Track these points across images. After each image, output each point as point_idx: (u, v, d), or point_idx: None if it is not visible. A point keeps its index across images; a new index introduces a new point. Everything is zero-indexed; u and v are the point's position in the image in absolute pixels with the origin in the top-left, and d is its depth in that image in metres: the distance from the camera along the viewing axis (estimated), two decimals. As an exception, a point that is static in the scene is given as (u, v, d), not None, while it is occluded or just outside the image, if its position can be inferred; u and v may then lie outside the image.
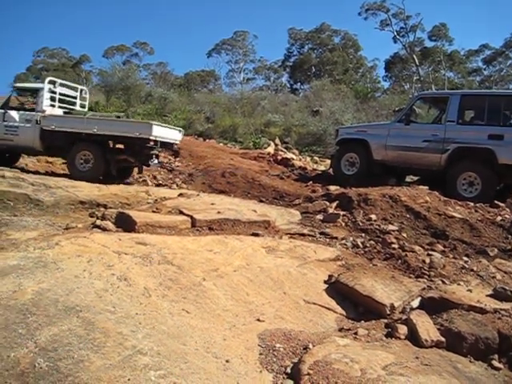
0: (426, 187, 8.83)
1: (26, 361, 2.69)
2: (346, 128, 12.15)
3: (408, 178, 11.49)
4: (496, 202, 8.77)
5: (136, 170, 10.55)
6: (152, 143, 9.39)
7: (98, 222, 5.84)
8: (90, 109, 21.38)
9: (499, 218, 7.63)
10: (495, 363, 3.59)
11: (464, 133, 9.46)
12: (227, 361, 3.13)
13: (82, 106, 11.87)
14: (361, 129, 11.33)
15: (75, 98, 11.65)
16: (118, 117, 11.66)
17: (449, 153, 9.48)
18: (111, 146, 10.02)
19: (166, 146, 10.30)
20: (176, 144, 10.67)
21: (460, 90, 13.50)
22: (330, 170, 11.97)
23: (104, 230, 5.64)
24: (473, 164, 9.28)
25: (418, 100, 11.17)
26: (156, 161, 10.23)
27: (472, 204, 8.40)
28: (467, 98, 10.11)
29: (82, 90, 12.00)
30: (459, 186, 9.30)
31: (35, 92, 10.97)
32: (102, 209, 7.02)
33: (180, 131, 10.90)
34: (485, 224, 7.26)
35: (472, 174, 9.25)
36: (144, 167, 10.35)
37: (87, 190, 7.99)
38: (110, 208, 7.03)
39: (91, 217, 6.55)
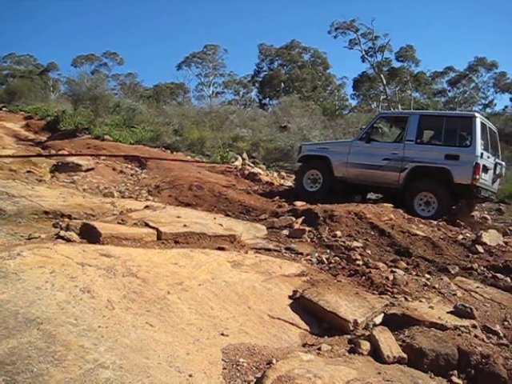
0: (391, 205, 8.97)
1: (-18, 374, 2.63)
2: (309, 145, 12.22)
3: (374, 196, 11.66)
4: (458, 220, 8.98)
5: None
6: None
7: (62, 233, 5.74)
8: (57, 117, 21.21)
9: (461, 236, 7.80)
10: (455, 379, 3.65)
11: (422, 152, 9.69)
12: (190, 375, 3.11)
13: None
14: (323, 146, 11.41)
15: None
16: None
17: (407, 171, 9.69)
18: None
19: None
20: None
21: (419, 111, 13.76)
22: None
23: (68, 240, 5.54)
24: (429, 184, 9.51)
25: (379, 119, 11.27)
26: None
27: (435, 222, 8.57)
28: (425, 118, 10.36)
29: None
30: (416, 206, 9.49)
31: None
32: (66, 219, 6.90)
33: None
34: (447, 242, 7.41)
35: (428, 194, 9.48)
36: None
37: (52, 199, 7.85)
38: (75, 219, 6.92)
39: (55, 227, 6.43)
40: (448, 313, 4.61)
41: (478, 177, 9.04)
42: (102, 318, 3.46)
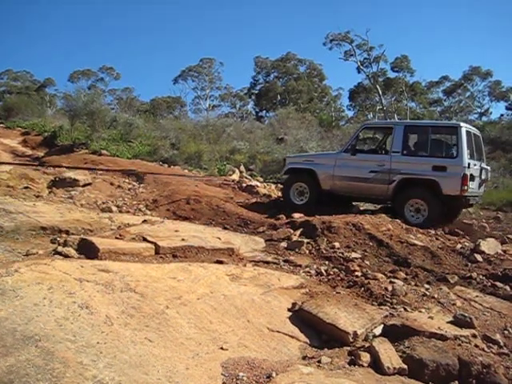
0: (388, 215, 8.97)
1: (-20, 393, 2.62)
2: (293, 157, 12.02)
3: (372, 206, 11.64)
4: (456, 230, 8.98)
5: None
6: None
7: (60, 249, 5.73)
8: (54, 133, 21.25)
9: (459, 245, 7.81)
10: (456, 390, 3.64)
11: (409, 164, 9.61)
12: (190, 390, 3.09)
13: None
14: (308, 158, 11.24)
15: None
16: None
17: (395, 184, 9.63)
18: None
19: None
20: None
21: (403, 121, 13.45)
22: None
23: (66, 256, 5.53)
24: (420, 192, 9.47)
25: (363, 130, 11.21)
26: None
27: (433, 232, 8.57)
28: (411, 128, 10.24)
29: None
30: (407, 213, 9.45)
31: None
32: (64, 235, 6.88)
33: None
34: (445, 251, 7.41)
35: (419, 201, 9.45)
36: None
37: (49, 215, 7.84)
38: (73, 234, 6.91)
39: (53, 243, 6.42)
40: (448, 323, 4.60)
41: (466, 188, 9.03)
42: (101, 334, 3.45)
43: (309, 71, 53.69)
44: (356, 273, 6.22)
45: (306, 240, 7.51)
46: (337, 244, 7.32)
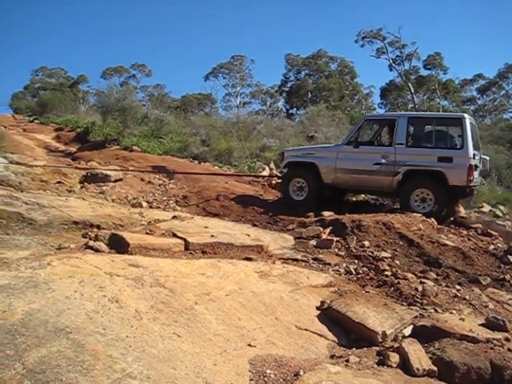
0: (420, 215, 8.85)
1: (13, 383, 2.66)
2: (292, 150, 11.72)
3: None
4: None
5: None
6: None
7: (91, 243, 5.82)
8: (87, 129, 21.57)
9: (492, 246, 7.66)
10: (487, 394, 3.57)
11: (414, 156, 9.56)
12: (217, 386, 3.10)
13: None
14: (308, 151, 11.03)
15: None
16: None
17: (400, 176, 9.57)
18: None
19: None
20: None
21: (407, 112, 13.10)
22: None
23: (97, 251, 5.61)
24: (426, 182, 9.43)
25: (365, 122, 11.05)
26: None
27: (465, 232, 8.43)
28: (414, 120, 10.21)
29: None
30: (412, 202, 9.42)
31: None
32: (95, 229, 7.00)
33: None
34: (477, 252, 7.28)
35: (424, 191, 9.40)
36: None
37: (81, 210, 7.97)
38: (104, 229, 7.01)
39: (84, 237, 6.53)
40: (479, 325, 4.51)
41: (471, 178, 9.04)
42: (130, 328, 3.48)
43: (340, 69, 53.24)
44: (386, 272, 6.16)
45: (335, 238, 7.46)
46: (366, 243, 7.25)
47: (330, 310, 4.69)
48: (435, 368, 3.73)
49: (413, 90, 42.42)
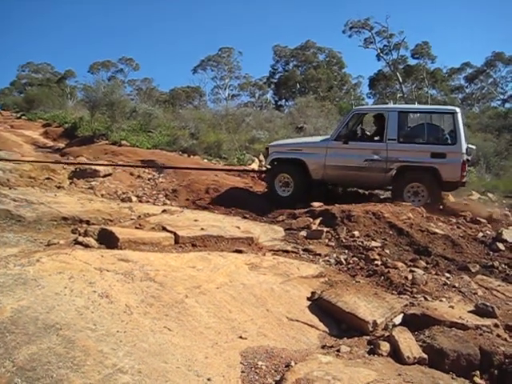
0: (409, 204, 8.88)
1: (2, 381, 2.65)
2: (276, 146, 11.23)
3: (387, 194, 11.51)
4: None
5: None
6: None
7: (80, 239, 5.80)
8: (75, 124, 21.44)
9: (481, 234, 7.70)
10: (477, 380, 3.61)
11: (406, 152, 9.42)
12: (209, 379, 3.11)
13: None
14: (295, 147, 10.71)
15: None
16: None
17: (393, 172, 9.47)
18: None
19: None
20: None
21: (396, 106, 12.61)
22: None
23: (86, 246, 5.59)
24: (419, 177, 9.36)
25: (353, 116, 10.54)
26: None
27: (454, 220, 8.47)
28: (405, 114, 10.05)
29: None
30: (405, 196, 9.33)
31: None
32: (84, 225, 6.96)
33: None
34: (467, 240, 7.32)
35: (417, 185, 9.34)
36: None
37: (70, 205, 7.92)
38: (93, 224, 6.98)
39: (73, 233, 6.49)
40: (469, 312, 4.55)
41: (465, 173, 9.10)
42: (121, 323, 3.48)
43: (328, 59, 53.20)
44: (376, 262, 6.19)
45: (325, 229, 7.48)
46: (356, 233, 7.28)
47: (321, 301, 4.71)
48: (425, 356, 3.76)
49: (401, 80, 42.58)
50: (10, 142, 18.57)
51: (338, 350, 3.86)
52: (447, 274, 5.95)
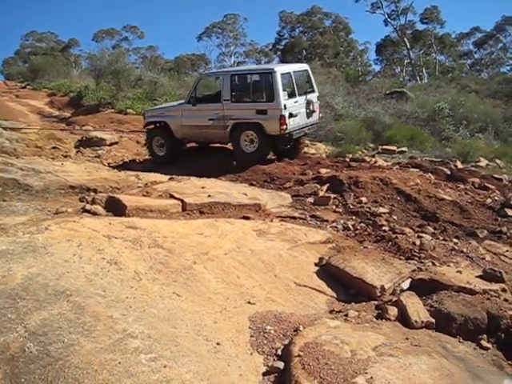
0: (417, 170, 8.83)
1: (15, 345, 2.69)
2: (150, 110, 12.30)
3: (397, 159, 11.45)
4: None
5: None
6: None
7: (88, 207, 5.82)
8: (80, 93, 21.34)
9: (489, 200, 7.66)
10: (484, 343, 3.63)
11: (238, 110, 10.22)
12: (218, 343, 3.14)
13: None
14: (161, 111, 11.67)
15: None
16: None
17: (229, 128, 10.22)
18: None
19: None
20: None
21: (230, 68, 13.77)
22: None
23: (94, 214, 5.62)
24: (250, 129, 10.13)
25: (201, 80, 11.77)
26: None
27: (462, 186, 8.42)
28: (235, 77, 10.70)
29: None
30: (242, 144, 10.14)
31: None
32: (92, 193, 6.98)
33: None
34: (475, 206, 7.28)
35: (250, 133, 10.09)
36: None
37: (77, 174, 7.94)
38: (100, 192, 7.00)
39: (81, 201, 6.51)
40: (477, 277, 4.55)
41: (285, 127, 9.66)
42: (130, 289, 3.51)
43: (335, 25, 52.33)
44: (383, 227, 6.17)
45: (332, 195, 7.45)
46: (364, 199, 7.24)
47: (329, 266, 4.73)
48: (433, 320, 3.78)
49: (409, 46, 41.89)
50: (16, 112, 18.56)
51: (346, 315, 3.88)
52: (455, 240, 5.93)
